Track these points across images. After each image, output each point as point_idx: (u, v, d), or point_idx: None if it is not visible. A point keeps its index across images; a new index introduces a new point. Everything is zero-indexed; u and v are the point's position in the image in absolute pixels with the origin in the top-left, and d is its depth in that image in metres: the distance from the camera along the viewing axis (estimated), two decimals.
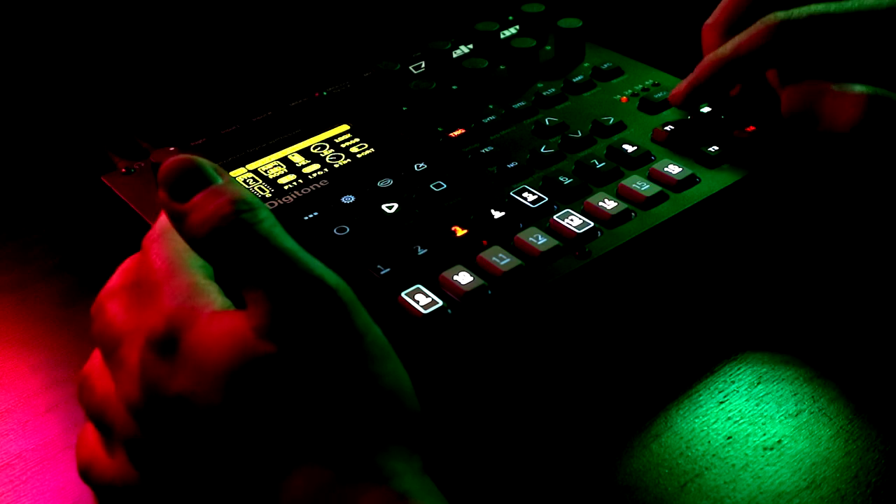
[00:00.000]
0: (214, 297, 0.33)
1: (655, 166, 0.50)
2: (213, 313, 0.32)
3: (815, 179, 0.53)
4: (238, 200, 0.32)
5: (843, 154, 0.50)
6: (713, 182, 0.49)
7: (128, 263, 0.37)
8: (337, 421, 0.31)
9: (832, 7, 0.48)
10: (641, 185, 0.48)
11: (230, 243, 0.32)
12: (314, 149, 0.55)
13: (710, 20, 0.54)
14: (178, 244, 0.35)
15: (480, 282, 0.43)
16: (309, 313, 0.31)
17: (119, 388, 0.33)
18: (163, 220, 0.36)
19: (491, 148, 0.53)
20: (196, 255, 0.35)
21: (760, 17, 0.51)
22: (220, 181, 0.33)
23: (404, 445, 0.32)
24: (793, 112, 0.48)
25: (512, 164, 0.51)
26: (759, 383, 0.45)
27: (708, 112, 0.54)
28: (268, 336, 0.31)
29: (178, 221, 0.33)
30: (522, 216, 0.48)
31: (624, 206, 0.47)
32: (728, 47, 0.50)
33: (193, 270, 0.34)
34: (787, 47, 0.48)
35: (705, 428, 0.43)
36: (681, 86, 0.53)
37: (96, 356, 0.36)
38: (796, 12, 0.48)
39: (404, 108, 0.58)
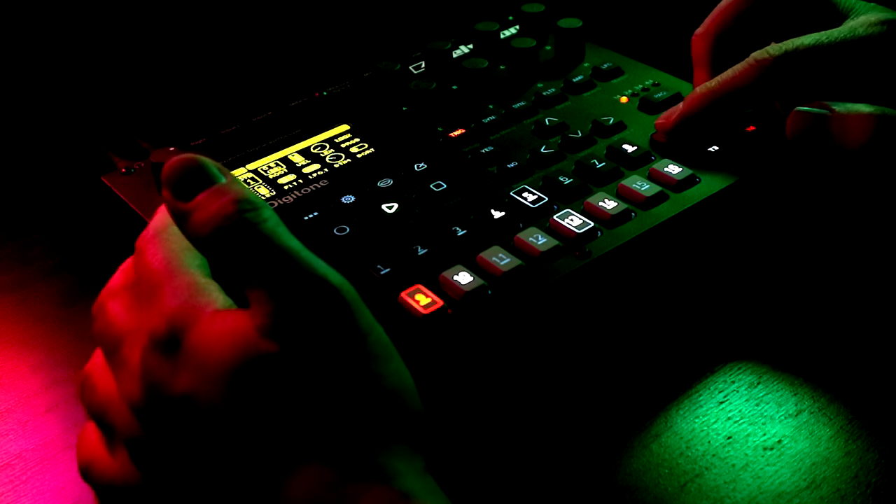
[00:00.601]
0: (216, 297, 0.33)
1: (655, 166, 0.50)
2: (216, 312, 0.32)
3: (813, 179, 0.53)
4: (241, 200, 0.32)
5: (846, 171, 0.50)
6: (713, 182, 0.49)
7: (128, 263, 0.37)
8: (339, 420, 0.31)
9: (823, 38, 0.48)
10: (641, 185, 0.48)
11: (233, 243, 0.32)
12: (314, 149, 0.55)
13: (699, 30, 0.54)
14: (175, 244, 0.35)
15: (480, 282, 0.43)
16: (312, 312, 0.31)
17: (121, 388, 0.33)
18: (156, 220, 0.36)
19: (491, 148, 0.53)
20: (193, 254, 0.35)
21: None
22: (224, 180, 0.33)
23: (407, 445, 0.32)
24: (798, 135, 0.48)
25: (512, 164, 0.51)
26: (759, 383, 0.45)
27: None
28: (271, 335, 0.31)
29: (181, 220, 0.33)
30: (522, 216, 0.48)
31: (624, 206, 0.47)
32: (720, 81, 0.50)
33: (192, 270, 0.34)
34: (781, 83, 0.48)
35: (705, 428, 0.43)
36: (670, 117, 0.52)
37: (98, 356, 0.36)
38: (789, 46, 0.48)
39: (404, 108, 0.58)
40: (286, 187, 0.52)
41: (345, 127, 0.57)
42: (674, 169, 0.50)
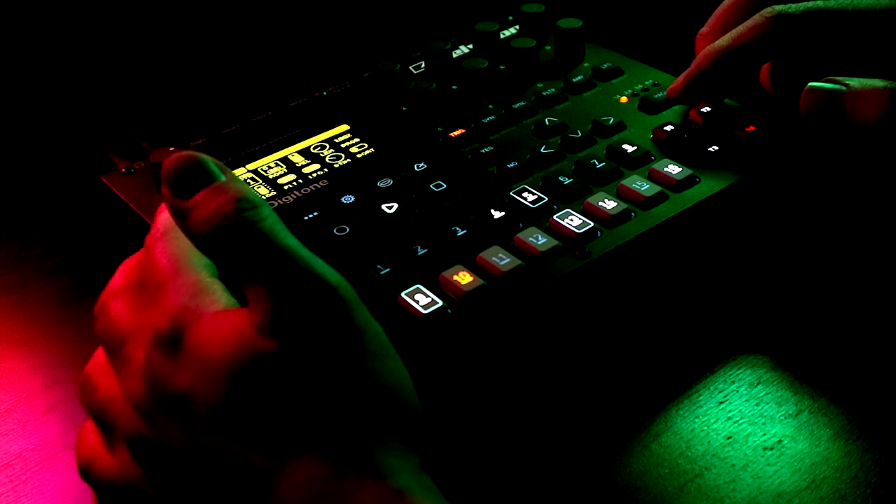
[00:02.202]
0: (219, 296, 0.33)
1: (655, 166, 0.50)
2: (217, 311, 0.33)
3: (814, 179, 0.53)
4: (240, 198, 0.32)
5: (855, 151, 0.50)
6: (713, 182, 0.49)
7: (128, 263, 0.38)
8: (336, 416, 0.31)
9: (831, 3, 0.49)
10: (641, 185, 0.48)
11: (232, 241, 0.32)
12: (314, 149, 0.55)
13: (704, 29, 0.54)
14: (183, 242, 0.35)
15: (480, 282, 0.43)
16: (309, 310, 0.31)
17: (124, 386, 0.34)
18: (165, 217, 0.36)
19: (491, 148, 0.53)
20: (200, 253, 0.35)
21: None
22: (223, 178, 0.33)
23: (403, 442, 0.32)
24: (812, 111, 0.48)
25: (512, 164, 0.51)
26: (758, 383, 0.45)
27: (708, 112, 0.54)
28: (269, 333, 0.31)
29: (180, 218, 0.33)
30: (522, 216, 0.48)
31: (624, 206, 0.47)
32: (725, 39, 0.51)
33: (198, 269, 0.34)
34: (784, 39, 0.49)
35: (705, 428, 0.43)
36: (678, 79, 0.53)
37: (99, 355, 0.36)
38: (793, 7, 0.49)
39: (404, 108, 0.58)
40: (286, 187, 0.52)
41: (345, 127, 0.57)
42: (674, 169, 0.50)
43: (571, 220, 0.47)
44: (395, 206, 0.49)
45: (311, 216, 0.49)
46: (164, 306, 0.33)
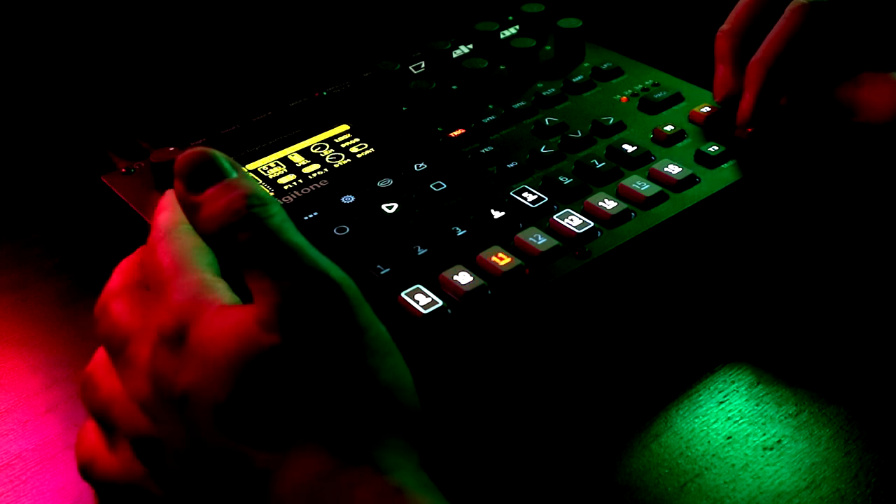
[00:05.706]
0: (222, 293, 0.34)
1: (655, 166, 0.50)
2: (221, 308, 0.33)
3: (814, 180, 0.53)
4: (250, 195, 0.33)
5: (856, 152, 0.50)
6: (713, 182, 0.49)
7: (125, 264, 0.38)
8: (336, 412, 0.31)
9: None
10: (641, 185, 0.48)
11: (240, 237, 0.32)
12: (314, 149, 0.55)
13: (725, 26, 0.54)
14: (185, 242, 0.35)
15: (480, 282, 0.43)
16: (313, 306, 0.32)
17: (128, 386, 0.34)
18: (165, 217, 0.37)
19: (491, 148, 0.53)
20: (203, 252, 0.35)
21: (775, 20, 0.52)
22: (235, 175, 0.34)
23: (402, 440, 0.32)
24: (835, 101, 0.48)
25: (512, 164, 0.51)
26: (759, 383, 0.45)
27: (709, 112, 0.54)
28: (272, 328, 0.31)
29: (190, 213, 0.34)
30: (522, 216, 0.48)
31: (624, 206, 0.47)
32: (766, 46, 0.50)
33: (201, 267, 0.35)
34: (817, 29, 0.49)
35: (705, 428, 0.43)
36: (743, 107, 0.52)
37: (100, 355, 0.36)
38: None
39: (404, 108, 0.58)
40: (286, 187, 0.52)
41: (345, 127, 0.57)
42: (674, 169, 0.50)
43: (571, 220, 0.47)
44: (395, 206, 0.49)
45: (311, 216, 0.49)
46: (168, 304, 0.33)
